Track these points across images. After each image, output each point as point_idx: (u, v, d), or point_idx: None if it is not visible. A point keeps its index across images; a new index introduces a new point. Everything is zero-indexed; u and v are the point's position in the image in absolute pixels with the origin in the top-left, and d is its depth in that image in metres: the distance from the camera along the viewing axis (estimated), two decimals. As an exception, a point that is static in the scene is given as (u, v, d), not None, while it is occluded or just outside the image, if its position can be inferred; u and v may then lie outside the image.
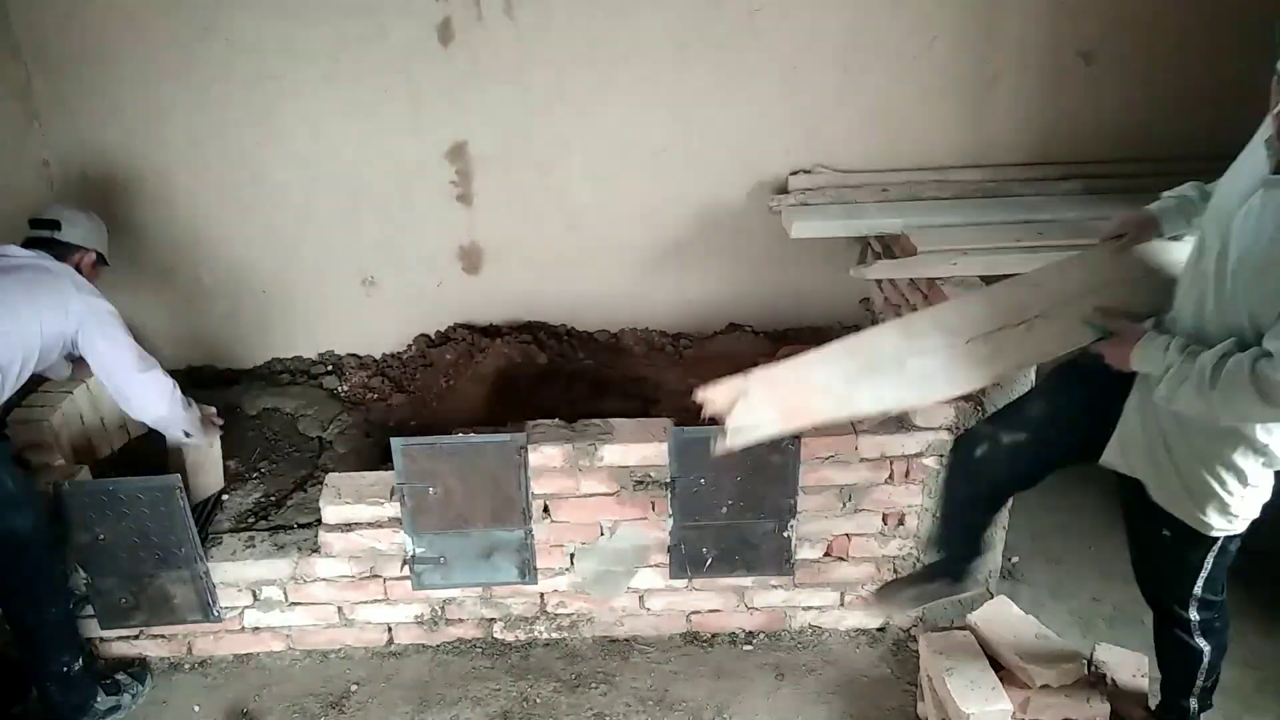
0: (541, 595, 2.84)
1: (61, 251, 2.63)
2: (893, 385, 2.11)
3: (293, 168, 3.45)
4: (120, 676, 2.74)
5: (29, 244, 2.62)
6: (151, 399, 2.61)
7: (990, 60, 3.38)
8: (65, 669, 2.57)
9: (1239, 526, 2.00)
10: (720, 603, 2.88)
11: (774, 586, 2.86)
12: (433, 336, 3.75)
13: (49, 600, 2.55)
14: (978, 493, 2.32)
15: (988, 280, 2.87)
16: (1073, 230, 3.05)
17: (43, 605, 2.54)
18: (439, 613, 2.85)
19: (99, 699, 2.65)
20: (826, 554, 2.81)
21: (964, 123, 3.47)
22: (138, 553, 2.64)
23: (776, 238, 3.36)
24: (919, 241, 3.01)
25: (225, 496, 2.98)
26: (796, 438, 2.59)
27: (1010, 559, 3.11)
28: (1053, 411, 2.17)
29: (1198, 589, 2.13)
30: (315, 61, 3.29)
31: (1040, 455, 2.20)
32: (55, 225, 2.66)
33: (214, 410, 2.91)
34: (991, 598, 2.75)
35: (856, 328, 3.72)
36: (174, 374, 2.70)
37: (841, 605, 2.90)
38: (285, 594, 2.78)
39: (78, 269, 2.65)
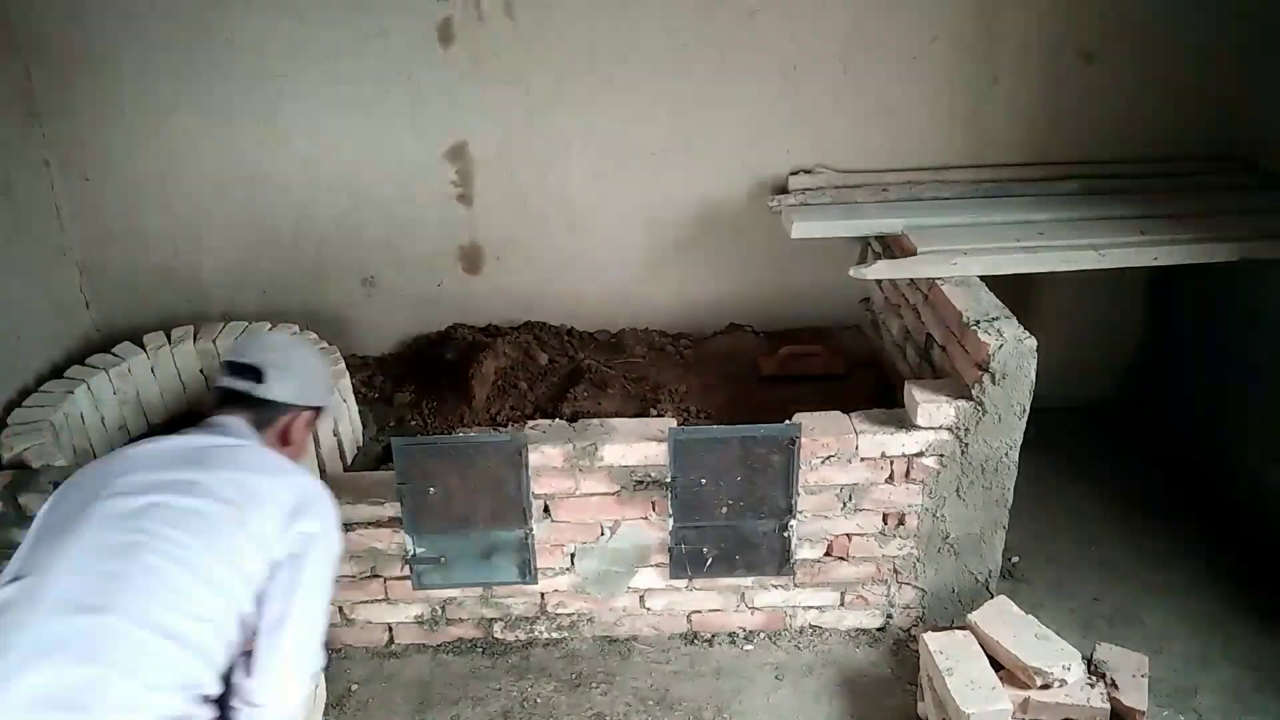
0: (542, 595, 2.84)
1: (263, 414, 1.91)
2: None
3: (293, 168, 3.45)
4: None
5: (225, 399, 1.90)
6: (285, 707, 1.72)
7: (990, 60, 3.38)
8: None
9: None
10: (720, 603, 2.88)
11: (774, 586, 2.86)
12: (433, 336, 3.75)
13: None
14: None
15: (988, 280, 2.87)
16: (1073, 230, 3.06)
17: None
18: (439, 613, 2.85)
19: None
20: (826, 554, 2.81)
21: (964, 123, 3.47)
22: (138, 553, 2.63)
23: (776, 238, 3.36)
24: (919, 241, 3.01)
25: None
26: (796, 437, 2.59)
27: (1010, 559, 3.11)
28: None
29: None
30: (316, 61, 3.29)
31: None
32: (255, 374, 1.90)
33: None
34: (992, 598, 2.75)
35: (856, 328, 3.74)
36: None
37: (841, 605, 2.90)
38: (285, 594, 2.78)
39: (284, 436, 1.94)
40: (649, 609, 2.88)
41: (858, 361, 3.51)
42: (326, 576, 1.79)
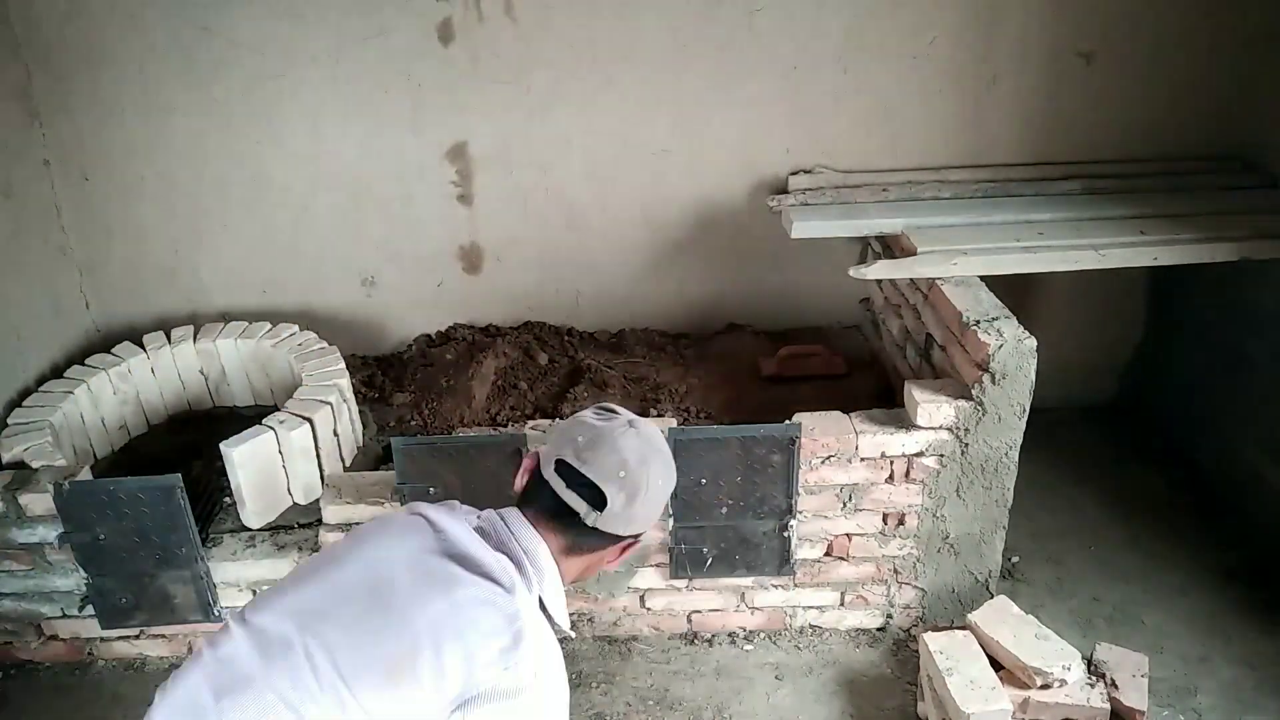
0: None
1: (580, 542, 1.58)
2: None
3: (293, 168, 3.45)
4: None
5: (547, 511, 1.57)
6: None
7: (990, 60, 3.38)
8: None
9: None
10: (720, 602, 2.88)
11: (774, 586, 2.86)
12: (433, 336, 3.75)
13: None
14: None
15: (988, 280, 2.87)
16: (1073, 230, 3.06)
17: None
18: (439, 613, 2.85)
19: None
20: (826, 554, 2.81)
21: (964, 123, 3.47)
22: (138, 553, 2.64)
23: (776, 238, 3.36)
24: (919, 241, 3.01)
25: (227, 498, 2.98)
26: (796, 437, 2.59)
27: (1010, 559, 3.11)
28: None
29: None
30: (316, 61, 3.29)
31: None
32: (598, 498, 1.54)
33: None
34: (992, 598, 2.75)
35: (856, 328, 3.74)
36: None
37: (841, 605, 2.90)
38: (285, 594, 2.78)
39: (587, 567, 1.64)
40: (649, 609, 2.88)
41: (858, 361, 3.51)
42: None
